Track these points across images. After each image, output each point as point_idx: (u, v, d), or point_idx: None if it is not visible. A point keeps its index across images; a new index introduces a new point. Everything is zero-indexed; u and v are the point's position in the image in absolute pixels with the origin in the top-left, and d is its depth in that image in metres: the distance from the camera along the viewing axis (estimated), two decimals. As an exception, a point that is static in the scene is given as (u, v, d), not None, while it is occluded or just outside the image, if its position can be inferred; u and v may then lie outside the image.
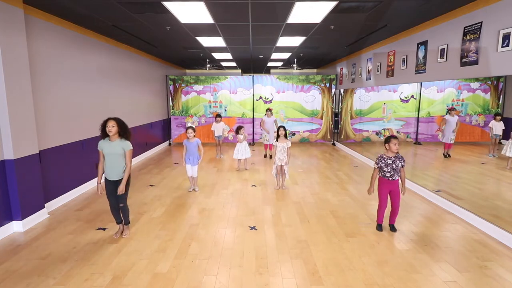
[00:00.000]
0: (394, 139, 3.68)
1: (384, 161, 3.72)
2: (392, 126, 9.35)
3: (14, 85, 3.76)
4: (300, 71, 13.66)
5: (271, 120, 7.92)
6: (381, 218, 3.88)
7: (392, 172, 3.68)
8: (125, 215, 3.71)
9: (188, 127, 5.36)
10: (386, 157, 3.72)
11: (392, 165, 3.67)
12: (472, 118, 7.91)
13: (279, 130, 5.40)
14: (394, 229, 3.83)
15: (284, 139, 5.37)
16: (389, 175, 3.69)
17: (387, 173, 3.70)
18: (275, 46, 7.41)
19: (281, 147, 5.34)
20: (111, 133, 3.44)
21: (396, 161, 3.67)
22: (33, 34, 4.30)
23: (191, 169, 5.38)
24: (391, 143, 3.66)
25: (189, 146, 5.31)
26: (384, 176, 3.74)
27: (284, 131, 5.38)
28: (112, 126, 3.44)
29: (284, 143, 5.35)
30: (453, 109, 7.20)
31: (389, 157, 3.70)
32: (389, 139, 3.71)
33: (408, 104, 9.12)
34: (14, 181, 3.81)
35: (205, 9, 4.35)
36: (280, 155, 5.35)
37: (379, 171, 3.81)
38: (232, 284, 2.78)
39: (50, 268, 3.04)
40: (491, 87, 7.71)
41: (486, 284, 2.76)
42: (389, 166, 3.69)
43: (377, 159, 3.81)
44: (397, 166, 3.67)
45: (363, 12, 4.56)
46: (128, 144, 3.54)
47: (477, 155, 7.57)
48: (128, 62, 7.46)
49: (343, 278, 2.87)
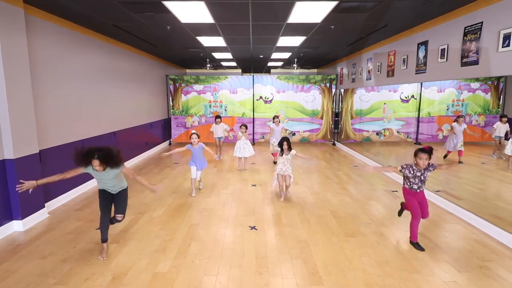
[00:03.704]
0: (421, 153, 3.26)
1: (413, 172, 3.37)
2: (392, 126, 9.35)
3: (14, 84, 3.76)
4: (300, 71, 13.66)
5: (279, 129, 7.31)
6: (415, 234, 3.41)
7: (420, 183, 3.38)
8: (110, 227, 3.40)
9: (193, 133, 5.25)
10: (416, 169, 3.36)
11: (421, 177, 3.36)
12: (472, 118, 7.91)
13: (283, 144, 4.96)
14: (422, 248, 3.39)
15: (287, 152, 5.00)
16: (417, 187, 3.40)
17: (414, 184, 3.40)
18: (276, 46, 7.41)
19: (285, 159, 4.99)
20: (99, 172, 3.03)
21: (425, 172, 3.34)
22: (33, 33, 4.30)
23: (195, 172, 5.27)
24: (417, 157, 3.29)
25: (194, 151, 5.27)
26: (411, 188, 3.42)
27: (287, 145, 4.97)
28: (99, 166, 2.95)
29: (289, 155, 4.99)
30: (461, 116, 6.88)
31: (419, 170, 3.34)
32: (416, 153, 3.31)
33: (408, 104, 9.12)
34: (14, 180, 3.81)
35: (206, 9, 4.35)
36: (282, 166, 4.99)
37: (404, 180, 3.50)
38: (232, 284, 2.78)
39: (50, 267, 3.04)
40: (492, 87, 7.71)
41: (486, 284, 2.76)
42: (417, 178, 3.37)
43: (405, 165, 3.42)
44: (425, 177, 3.36)
45: (363, 12, 4.56)
46: (117, 169, 3.11)
47: (477, 155, 7.57)
48: (128, 61, 7.46)
49: (343, 278, 2.87)
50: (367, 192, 5.36)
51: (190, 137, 5.28)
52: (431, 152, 3.29)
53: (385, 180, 6.14)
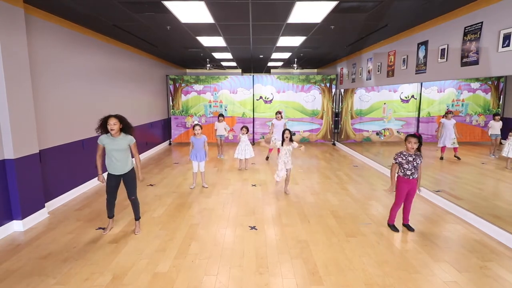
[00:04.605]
0: (411, 137, 3.58)
1: (405, 157, 3.61)
2: (392, 126, 9.35)
3: (15, 84, 3.76)
4: (300, 71, 13.66)
5: (281, 124, 7.51)
6: (393, 217, 3.85)
7: (413, 170, 3.61)
8: (136, 209, 3.79)
9: (195, 124, 5.42)
10: (407, 154, 3.62)
11: (413, 162, 3.59)
12: (472, 118, 7.91)
13: (284, 134, 5.21)
14: (412, 228, 3.82)
15: (289, 143, 5.19)
16: (410, 173, 3.62)
17: (407, 170, 3.62)
18: (276, 46, 7.41)
19: (287, 150, 5.18)
20: (113, 131, 3.45)
21: (416, 158, 3.60)
22: (33, 33, 4.30)
23: (197, 166, 5.49)
24: (407, 141, 3.60)
25: (196, 142, 5.39)
26: (404, 175, 3.65)
27: (289, 135, 5.20)
28: (114, 124, 3.44)
29: (290, 146, 5.18)
30: (449, 112, 7.08)
31: (410, 154, 3.61)
32: (406, 138, 3.62)
33: (408, 104, 9.12)
34: (14, 180, 3.82)
35: (206, 9, 4.35)
36: (285, 158, 5.15)
37: (399, 169, 3.72)
38: (232, 284, 2.78)
39: (50, 267, 3.04)
40: (492, 87, 7.70)
41: (486, 284, 2.76)
42: (410, 163, 3.60)
43: (396, 155, 3.69)
44: (417, 164, 3.61)
45: (363, 12, 4.56)
46: (132, 138, 3.62)
47: (477, 155, 7.57)
48: (128, 61, 7.46)
49: (343, 278, 2.87)
50: (367, 192, 5.36)
51: (194, 128, 5.33)
52: (421, 138, 3.60)
53: (386, 180, 6.14)
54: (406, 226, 3.88)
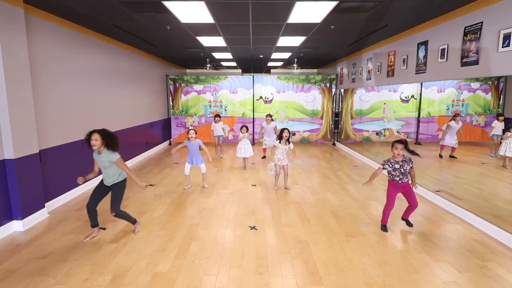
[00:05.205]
0: (397, 143, 3.57)
1: (392, 165, 3.62)
2: (392, 126, 9.35)
3: (14, 84, 3.76)
4: (300, 71, 13.66)
5: (271, 127, 7.56)
6: (386, 218, 3.84)
7: (401, 176, 3.60)
8: (126, 219, 3.69)
9: (190, 129, 5.44)
10: (393, 161, 3.61)
11: (400, 169, 3.59)
12: (473, 118, 7.92)
13: (283, 132, 5.25)
14: (411, 224, 3.84)
15: (285, 143, 5.26)
16: (398, 179, 3.63)
17: (395, 177, 3.63)
18: (276, 46, 7.41)
19: (283, 149, 5.29)
20: (95, 146, 3.38)
21: (404, 164, 3.58)
22: (33, 33, 4.30)
23: (189, 169, 5.52)
24: (393, 147, 3.59)
25: (191, 147, 5.39)
26: (393, 179, 3.68)
27: (288, 134, 5.25)
28: (96, 140, 3.36)
29: (286, 146, 5.28)
30: (458, 114, 7.16)
31: (396, 161, 3.59)
32: (393, 144, 3.61)
33: (408, 104, 9.12)
34: (14, 180, 3.82)
35: (206, 9, 4.35)
36: (280, 155, 5.32)
37: (388, 175, 3.73)
38: (232, 284, 2.78)
39: (50, 267, 3.04)
40: (492, 87, 7.71)
41: (486, 284, 2.76)
42: (397, 170, 3.60)
43: (384, 162, 3.70)
44: (405, 170, 3.59)
45: (363, 12, 4.56)
46: (113, 157, 3.44)
47: (477, 155, 7.57)
48: (128, 61, 7.46)
49: (343, 278, 2.87)
50: (367, 192, 5.36)
51: (188, 133, 5.35)
52: (407, 144, 3.58)
53: (385, 180, 6.12)
54: (405, 220, 3.88)
